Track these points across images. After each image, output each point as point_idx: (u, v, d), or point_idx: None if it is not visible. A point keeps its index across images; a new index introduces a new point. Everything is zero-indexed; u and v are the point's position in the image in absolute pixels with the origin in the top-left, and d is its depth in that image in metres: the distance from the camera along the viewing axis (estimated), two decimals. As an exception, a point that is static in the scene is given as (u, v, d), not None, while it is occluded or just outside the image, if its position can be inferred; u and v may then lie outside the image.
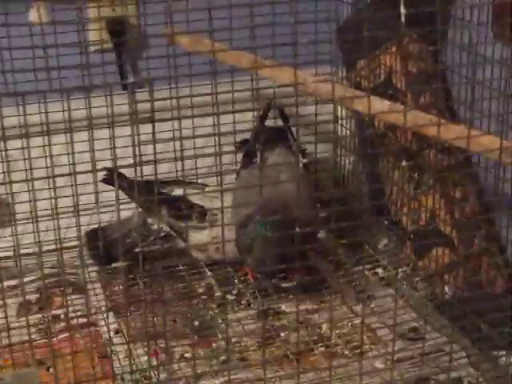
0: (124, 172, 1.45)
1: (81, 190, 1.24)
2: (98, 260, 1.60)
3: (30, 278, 1.56)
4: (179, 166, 1.57)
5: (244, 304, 1.50)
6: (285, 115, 1.65)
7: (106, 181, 1.48)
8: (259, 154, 1.60)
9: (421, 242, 1.55)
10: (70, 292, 1.53)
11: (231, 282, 1.56)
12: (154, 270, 1.38)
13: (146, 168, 1.02)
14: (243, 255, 1.46)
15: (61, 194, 1.16)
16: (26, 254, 1.41)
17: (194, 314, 1.47)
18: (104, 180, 1.48)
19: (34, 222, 1.11)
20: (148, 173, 1.04)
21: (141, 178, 1.02)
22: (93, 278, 1.60)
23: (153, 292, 1.35)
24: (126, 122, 1.25)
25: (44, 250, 1.20)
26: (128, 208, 1.52)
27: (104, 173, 1.50)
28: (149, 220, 1.58)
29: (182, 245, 1.58)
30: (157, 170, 1.02)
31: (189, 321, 1.44)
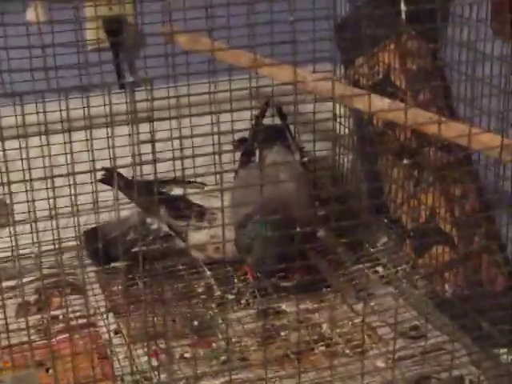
0: (121, 172, 1.44)
1: (79, 190, 1.23)
2: (97, 260, 1.60)
3: (28, 279, 1.55)
4: (177, 165, 1.59)
5: (244, 303, 1.49)
6: (283, 113, 1.65)
7: (104, 181, 1.47)
8: (258, 153, 1.59)
9: (420, 240, 1.54)
10: (69, 292, 1.52)
11: (231, 282, 1.55)
12: (153, 270, 1.37)
13: (145, 167, 1.01)
14: (243, 255, 1.46)
15: (58, 193, 1.15)
16: (24, 254, 1.40)
17: (194, 313, 1.46)
18: (102, 180, 1.47)
19: (33, 223, 1.09)
20: (146, 172, 1.03)
21: (140, 177, 1.01)
22: (91, 278, 1.59)
23: (152, 292, 1.35)
24: (125, 122, 1.25)
25: (43, 250, 1.20)
26: (127, 208, 1.53)
27: (101, 173, 1.49)
28: (147, 219, 1.58)
29: (181, 244, 1.58)
30: (156, 169, 1.01)
31: (188, 321, 1.44)
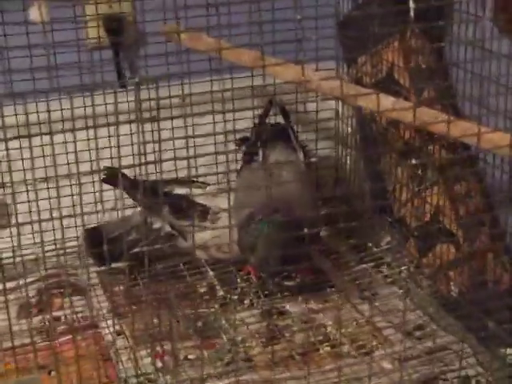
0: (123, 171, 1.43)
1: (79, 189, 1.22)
2: (98, 259, 1.57)
3: (29, 280, 1.53)
4: (178, 164, 1.58)
5: (247, 304, 1.48)
6: (286, 112, 1.63)
7: (107, 180, 1.45)
8: (261, 152, 1.58)
9: (425, 239, 1.53)
10: (70, 293, 1.50)
11: (234, 282, 1.53)
12: (154, 270, 1.36)
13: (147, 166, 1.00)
14: (246, 254, 1.45)
15: (60, 193, 1.13)
16: (27, 254, 1.39)
17: (197, 314, 1.45)
18: (105, 180, 1.45)
19: (36, 223, 1.08)
20: (149, 172, 1.02)
21: (145, 177, 1.01)
22: (93, 278, 1.57)
23: (156, 292, 1.33)
24: (129, 121, 1.25)
25: (46, 251, 1.18)
26: (129, 207, 1.51)
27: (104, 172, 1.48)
28: (149, 219, 1.56)
29: (183, 244, 1.56)
30: (161, 168, 1.00)
31: (191, 321, 1.42)
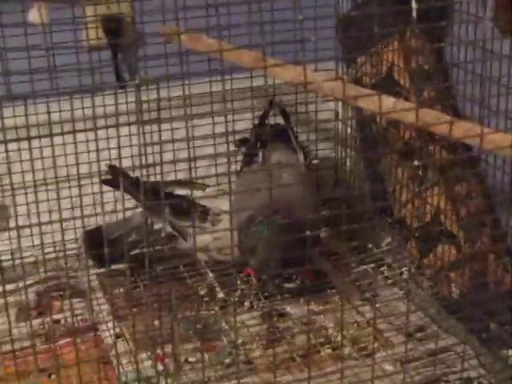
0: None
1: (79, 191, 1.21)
2: (98, 261, 1.56)
3: (28, 282, 1.52)
4: (178, 165, 1.57)
5: (247, 306, 1.48)
6: (286, 113, 1.63)
7: (107, 182, 1.44)
8: (260, 153, 1.57)
9: (425, 240, 1.53)
10: (69, 296, 1.49)
11: (234, 284, 1.53)
12: (154, 272, 1.35)
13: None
14: (246, 257, 1.44)
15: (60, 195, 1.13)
16: (26, 257, 1.38)
17: (197, 316, 1.44)
18: (104, 181, 1.44)
19: (36, 226, 1.07)
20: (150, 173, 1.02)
21: (147, 178, 1.00)
22: (92, 280, 1.56)
23: (157, 295, 1.32)
24: (128, 123, 1.24)
25: (45, 253, 1.17)
26: (129, 208, 1.50)
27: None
28: (150, 220, 1.55)
29: (183, 245, 1.55)
30: (162, 170, 1.00)
31: (191, 324, 1.42)
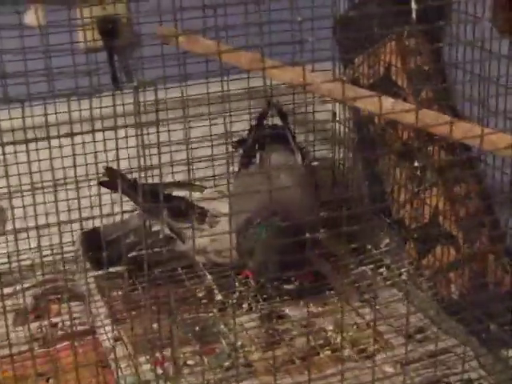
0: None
1: (76, 193, 1.21)
2: (95, 263, 1.55)
3: (25, 285, 1.51)
4: (175, 167, 1.57)
5: (246, 308, 1.47)
6: (284, 114, 1.62)
7: (105, 184, 1.43)
8: (258, 154, 1.56)
9: (424, 241, 1.52)
10: (67, 299, 1.49)
11: (232, 286, 1.52)
12: (152, 274, 1.34)
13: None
14: (244, 259, 1.43)
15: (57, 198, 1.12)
16: (23, 260, 1.38)
17: (196, 318, 1.43)
18: (102, 183, 1.43)
19: (33, 229, 1.06)
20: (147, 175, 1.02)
21: (145, 180, 1.00)
22: (90, 283, 1.56)
23: (155, 297, 1.32)
24: (126, 125, 1.23)
25: (42, 256, 1.16)
26: (127, 211, 1.50)
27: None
28: (148, 222, 1.54)
29: (181, 247, 1.54)
30: (160, 171, 1.00)
31: (190, 326, 1.41)
